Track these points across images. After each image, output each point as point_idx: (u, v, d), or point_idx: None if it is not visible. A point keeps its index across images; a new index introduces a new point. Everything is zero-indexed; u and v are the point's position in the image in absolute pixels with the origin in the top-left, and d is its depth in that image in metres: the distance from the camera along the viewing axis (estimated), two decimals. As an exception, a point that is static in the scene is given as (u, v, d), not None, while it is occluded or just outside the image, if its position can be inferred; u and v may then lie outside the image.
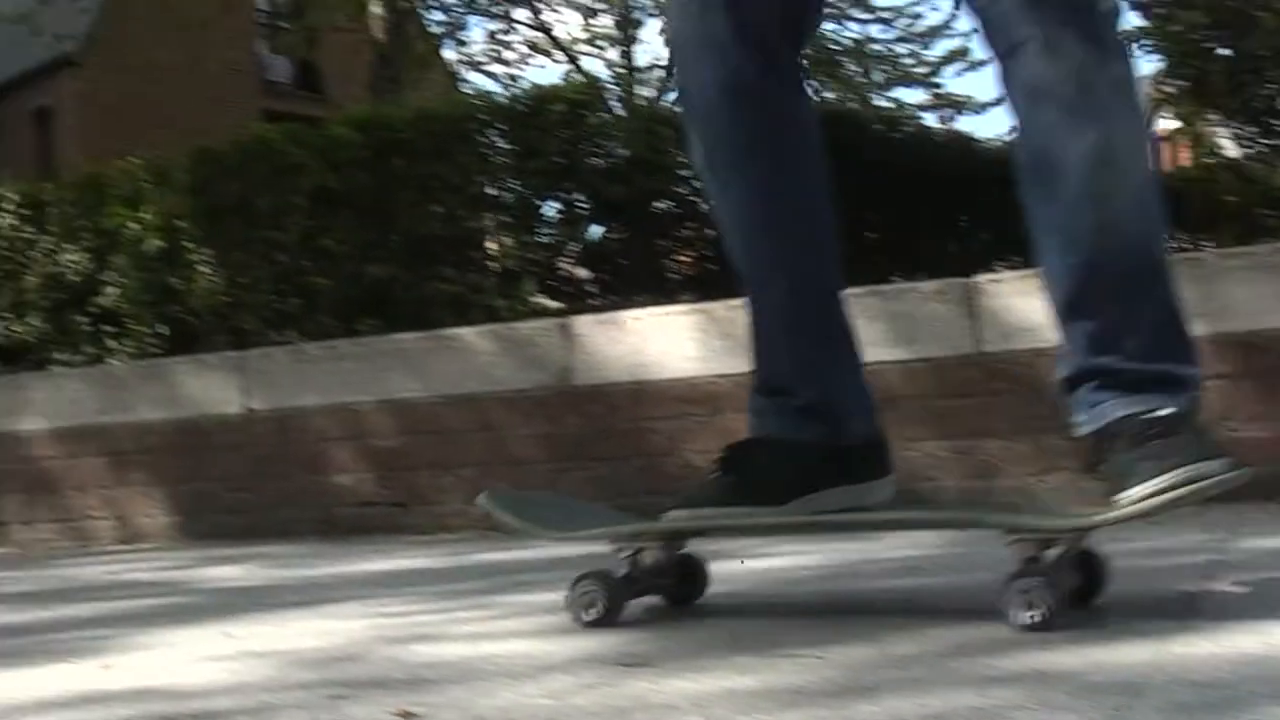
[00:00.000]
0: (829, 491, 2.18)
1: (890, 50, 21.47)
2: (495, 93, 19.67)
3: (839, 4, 20.93)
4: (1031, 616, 1.80)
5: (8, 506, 6.06)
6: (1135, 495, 1.89)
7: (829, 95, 20.08)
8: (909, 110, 19.68)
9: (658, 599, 2.24)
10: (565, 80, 21.22)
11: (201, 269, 6.40)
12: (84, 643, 2.49)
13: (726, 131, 2.22)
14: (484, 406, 4.79)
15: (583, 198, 5.94)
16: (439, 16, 20.34)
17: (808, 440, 2.20)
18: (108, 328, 6.79)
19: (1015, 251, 7.96)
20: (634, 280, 5.89)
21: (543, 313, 5.56)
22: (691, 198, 6.03)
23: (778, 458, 2.20)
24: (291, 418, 5.19)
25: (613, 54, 22.85)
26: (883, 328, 4.36)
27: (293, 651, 2.13)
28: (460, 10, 20.38)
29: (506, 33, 21.43)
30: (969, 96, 21.41)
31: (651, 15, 22.63)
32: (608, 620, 2.10)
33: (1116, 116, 2.01)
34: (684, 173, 6.07)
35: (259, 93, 27.00)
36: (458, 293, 5.86)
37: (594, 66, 23.00)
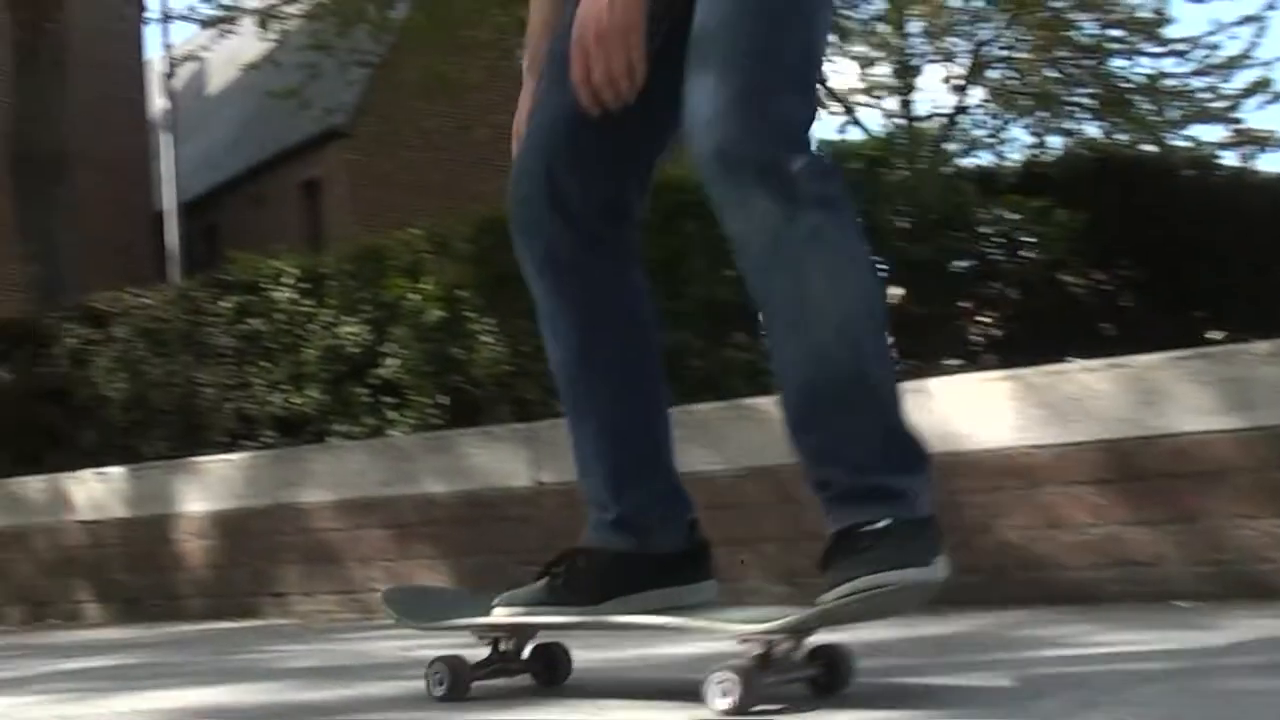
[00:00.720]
0: (643, 594, 2.63)
1: (1186, 85, 20.91)
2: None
3: (1130, 39, 20.50)
4: (724, 703, 2.20)
5: (288, 577, 6.27)
6: (825, 600, 2.26)
7: (1121, 137, 19.63)
8: (1208, 150, 19.07)
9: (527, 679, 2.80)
10: (842, 132, 21.21)
11: (483, 339, 6.53)
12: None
13: (547, 295, 2.69)
14: (785, 479, 4.75)
15: (881, 258, 5.87)
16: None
17: (619, 550, 2.67)
18: (388, 399, 6.95)
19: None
20: (935, 344, 5.81)
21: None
22: (993, 255, 5.93)
23: (591, 564, 2.69)
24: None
25: (890, 103, 22.76)
26: (1213, 394, 4.21)
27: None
28: (733, 65, 20.52)
29: (779, 86, 21.49)
30: (1272, 132, 20.60)
31: (932, 61, 22.47)
32: (454, 696, 2.68)
33: (810, 264, 2.36)
34: (985, 230, 5.98)
35: (525, 156, 27.57)
36: (751, 360, 5.85)
37: (871, 117, 22.96)
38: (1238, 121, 20.61)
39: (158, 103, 26.46)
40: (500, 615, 2.73)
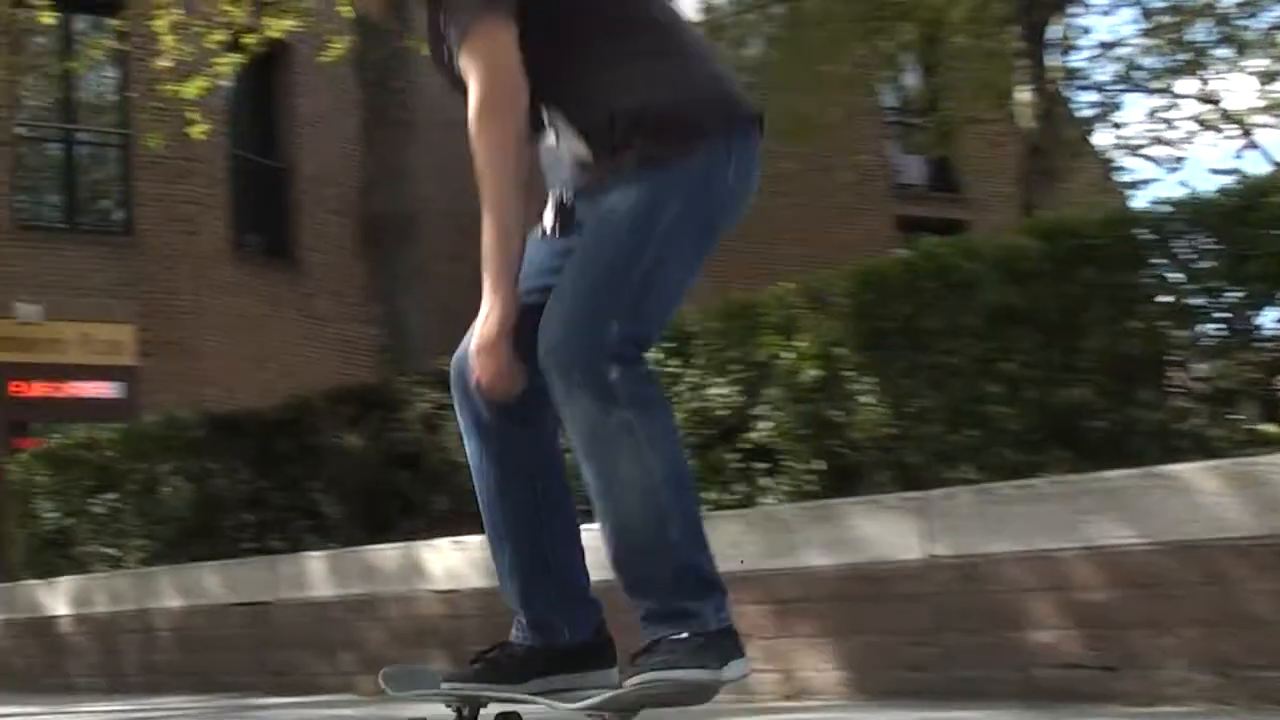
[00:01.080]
0: (557, 677, 3.70)
1: None
2: (1162, 180, 19.23)
3: None
4: None
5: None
6: (623, 686, 3.36)
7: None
8: None
9: None
10: (1238, 158, 20.50)
11: (863, 399, 6.48)
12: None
13: (473, 448, 3.80)
14: (1209, 556, 4.57)
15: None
16: (1089, 97, 20.02)
17: (530, 644, 3.77)
18: (759, 464, 6.95)
19: None
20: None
21: (1267, 441, 5.29)
22: None
23: (512, 655, 3.77)
24: (979, 565, 5.13)
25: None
26: None
27: None
28: (1115, 88, 20.00)
29: (1169, 109, 20.90)
30: None
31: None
32: None
33: (619, 451, 3.38)
34: None
35: (889, 197, 27.33)
36: (1160, 420, 5.68)
37: (1272, 139, 22.17)
38: None
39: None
40: (447, 688, 3.80)
